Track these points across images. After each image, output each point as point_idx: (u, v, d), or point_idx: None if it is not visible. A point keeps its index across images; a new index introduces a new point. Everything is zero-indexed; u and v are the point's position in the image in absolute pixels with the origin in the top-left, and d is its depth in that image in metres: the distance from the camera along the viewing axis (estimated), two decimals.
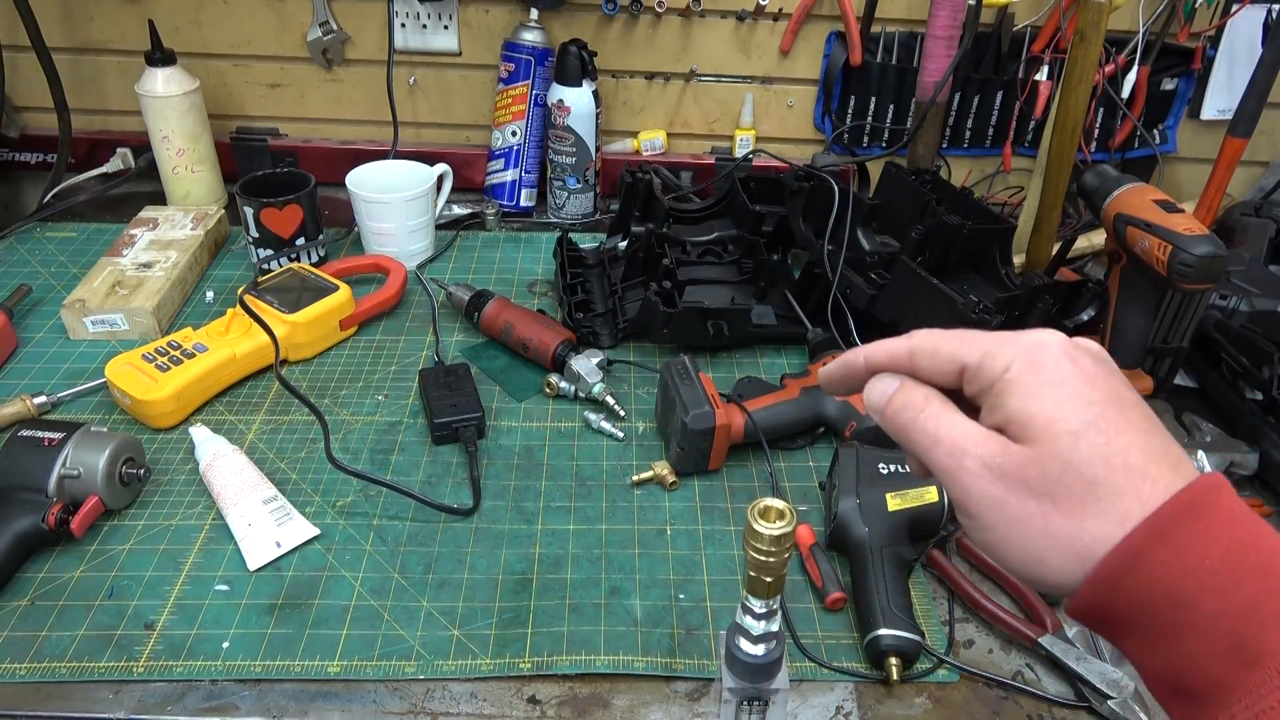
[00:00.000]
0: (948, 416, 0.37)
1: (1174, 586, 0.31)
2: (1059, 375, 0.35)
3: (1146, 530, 0.32)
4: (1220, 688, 0.31)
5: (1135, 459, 0.33)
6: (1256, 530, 0.32)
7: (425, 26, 1.22)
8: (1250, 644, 0.30)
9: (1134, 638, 0.34)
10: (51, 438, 0.74)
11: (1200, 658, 0.31)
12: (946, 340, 0.38)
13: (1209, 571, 0.31)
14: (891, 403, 0.39)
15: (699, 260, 1.07)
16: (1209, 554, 0.31)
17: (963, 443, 0.36)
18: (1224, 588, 0.31)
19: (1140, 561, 0.32)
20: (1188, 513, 0.32)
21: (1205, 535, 0.31)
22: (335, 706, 0.63)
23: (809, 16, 1.20)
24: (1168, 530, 0.32)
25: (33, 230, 1.18)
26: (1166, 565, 0.31)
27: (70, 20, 1.22)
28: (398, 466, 0.84)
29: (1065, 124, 0.96)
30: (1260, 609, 0.30)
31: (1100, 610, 0.34)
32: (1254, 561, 0.31)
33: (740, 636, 0.55)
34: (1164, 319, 0.88)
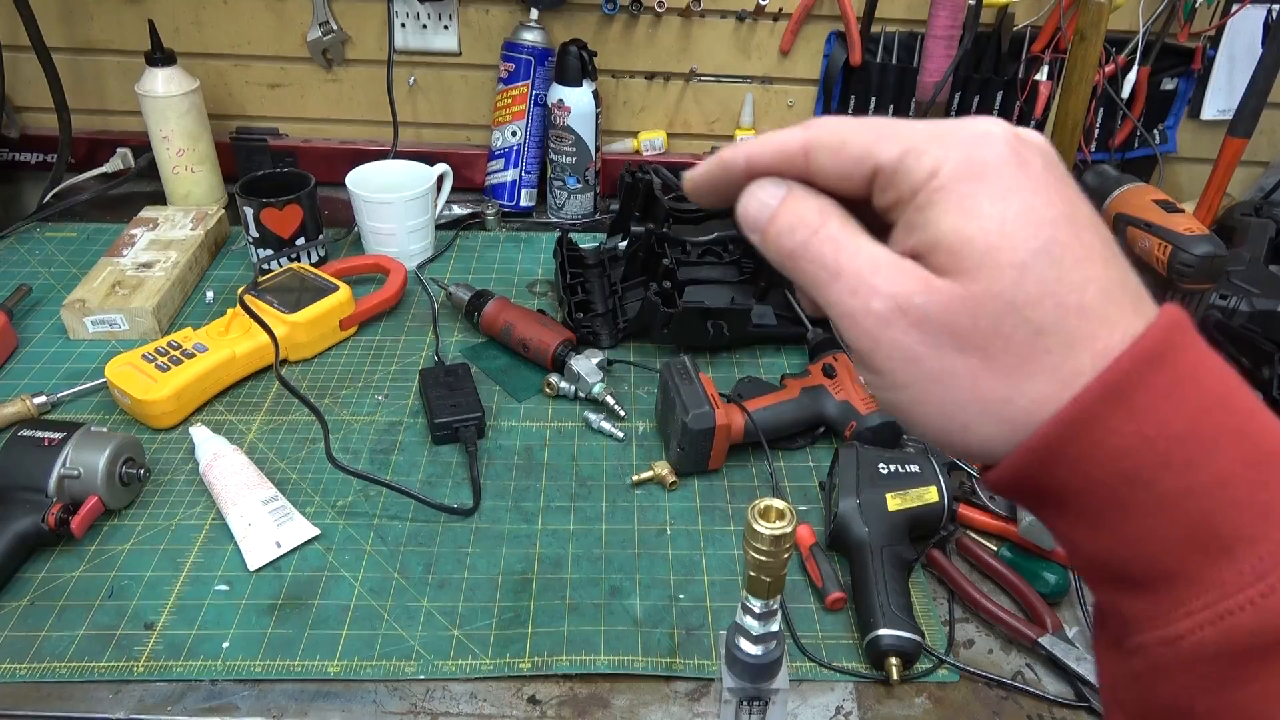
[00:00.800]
0: (850, 240, 0.28)
1: (1128, 461, 0.25)
2: (1004, 183, 0.26)
3: (1099, 390, 0.25)
4: (1175, 579, 0.25)
5: (1092, 298, 0.26)
6: (1225, 380, 0.26)
7: (425, 26, 1.22)
8: (1220, 529, 0.25)
9: (1068, 517, 0.27)
10: (51, 438, 0.74)
11: (1154, 544, 0.26)
12: (856, 131, 0.28)
13: (1173, 440, 0.25)
14: (775, 220, 0.29)
15: (699, 260, 1.07)
16: (1173, 418, 0.25)
17: (870, 276, 0.27)
18: (1191, 460, 0.25)
19: (1088, 430, 0.25)
20: (1148, 366, 0.25)
21: (1168, 394, 0.25)
22: (335, 706, 0.63)
23: (809, 16, 1.20)
24: (1124, 390, 0.25)
25: (33, 230, 1.18)
26: (1120, 434, 0.25)
27: (70, 20, 1.22)
28: (398, 466, 0.84)
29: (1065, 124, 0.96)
30: (1232, 486, 0.25)
31: (1029, 484, 0.27)
32: (1226, 425, 0.25)
33: (740, 636, 0.55)
34: None
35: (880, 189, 0.28)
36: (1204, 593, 0.25)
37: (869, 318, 0.27)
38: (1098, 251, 0.26)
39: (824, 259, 0.28)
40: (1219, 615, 0.24)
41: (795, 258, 0.29)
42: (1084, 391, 0.25)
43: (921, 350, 0.27)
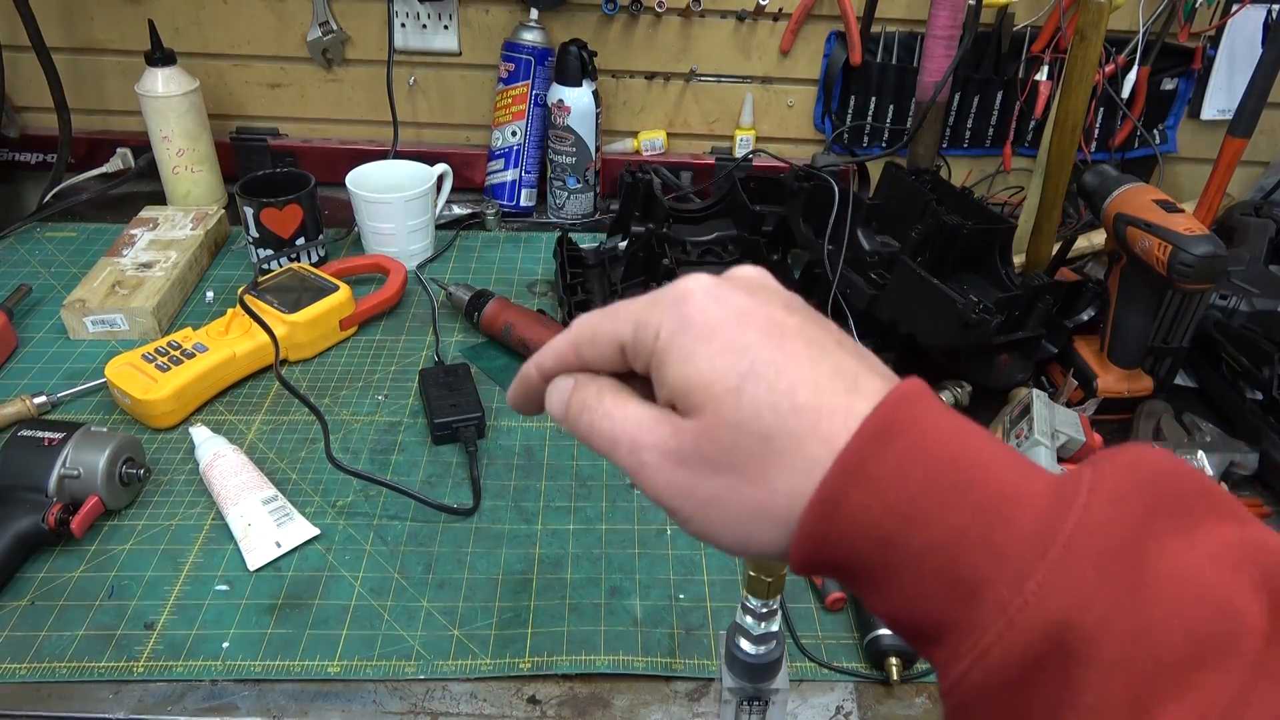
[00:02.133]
0: (619, 409, 0.33)
1: (876, 529, 0.28)
2: (707, 326, 0.30)
3: (837, 472, 0.28)
4: (946, 627, 0.28)
5: (804, 397, 0.29)
6: (954, 439, 0.28)
7: (425, 26, 1.22)
8: (963, 575, 0.27)
9: (856, 584, 0.30)
10: (51, 438, 0.74)
11: (921, 599, 0.28)
12: (602, 320, 0.34)
13: (908, 503, 0.27)
14: (569, 409, 0.34)
15: (699, 260, 1.07)
16: (906, 483, 0.27)
17: (636, 434, 0.32)
18: (927, 518, 0.27)
19: (838, 510, 0.28)
20: (877, 441, 0.28)
21: (900, 462, 0.28)
22: (335, 706, 0.63)
23: (809, 16, 1.20)
24: (858, 469, 0.28)
25: (33, 230, 1.18)
26: (865, 507, 0.28)
27: (70, 20, 1.22)
28: (398, 466, 0.84)
29: (1065, 124, 0.96)
30: (966, 535, 0.27)
31: (818, 565, 0.30)
32: (953, 481, 0.27)
33: (740, 636, 0.55)
34: (1164, 319, 0.88)
35: (631, 360, 0.33)
36: (968, 635, 0.27)
37: (645, 469, 0.32)
38: (801, 355, 0.30)
39: (604, 432, 0.33)
40: (981, 653, 0.26)
41: (587, 436, 0.34)
42: (824, 479, 0.28)
43: (690, 482, 0.31)
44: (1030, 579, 0.26)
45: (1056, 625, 0.25)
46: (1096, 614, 0.25)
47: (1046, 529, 0.27)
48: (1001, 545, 0.27)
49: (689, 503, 0.31)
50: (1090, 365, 0.90)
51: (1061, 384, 0.90)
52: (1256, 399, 0.88)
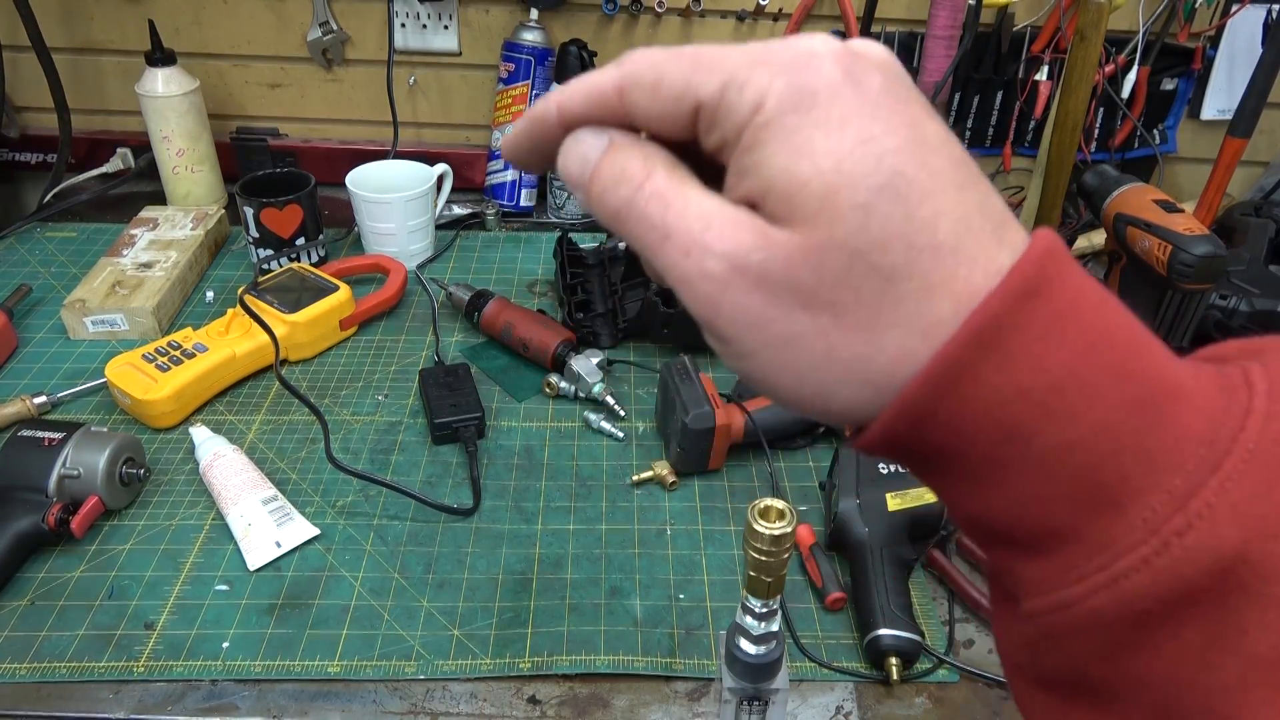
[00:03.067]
0: (679, 193, 0.24)
1: (1004, 415, 0.22)
2: (837, 111, 0.23)
3: (965, 338, 0.22)
4: (1064, 540, 0.23)
5: (946, 234, 0.23)
6: (1106, 312, 0.23)
7: (425, 26, 1.22)
8: (1108, 483, 0.22)
9: (947, 478, 0.25)
10: (51, 438, 0.74)
11: (1039, 504, 0.23)
12: (672, 63, 0.25)
13: (1051, 389, 0.22)
14: (597, 176, 0.26)
15: None
16: (1050, 364, 0.22)
17: (702, 234, 0.24)
18: (1072, 410, 0.22)
19: (957, 385, 0.22)
20: (1018, 305, 0.22)
21: (1044, 335, 0.22)
22: (335, 706, 0.63)
23: (809, 16, 1.20)
24: (993, 336, 0.22)
25: (33, 230, 1.18)
26: (993, 386, 0.22)
27: (70, 20, 1.22)
28: (398, 466, 0.84)
29: (1065, 124, 0.96)
30: (1117, 433, 0.22)
31: (901, 447, 0.25)
32: (1107, 366, 0.22)
33: (740, 636, 0.55)
34: (1164, 319, 0.88)
35: (705, 130, 0.24)
36: (1095, 554, 0.23)
37: (706, 281, 0.24)
38: (949, 178, 0.23)
39: (651, 218, 0.25)
40: (1112, 579, 0.22)
41: (622, 218, 0.25)
42: (949, 342, 0.22)
43: (766, 313, 0.24)
44: (1198, 497, 0.21)
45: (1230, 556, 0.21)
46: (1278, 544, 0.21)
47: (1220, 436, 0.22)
48: (1162, 451, 0.22)
49: (757, 336, 0.24)
50: None
51: None
52: None
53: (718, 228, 0.24)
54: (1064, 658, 0.24)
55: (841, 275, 0.23)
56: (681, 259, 0.24)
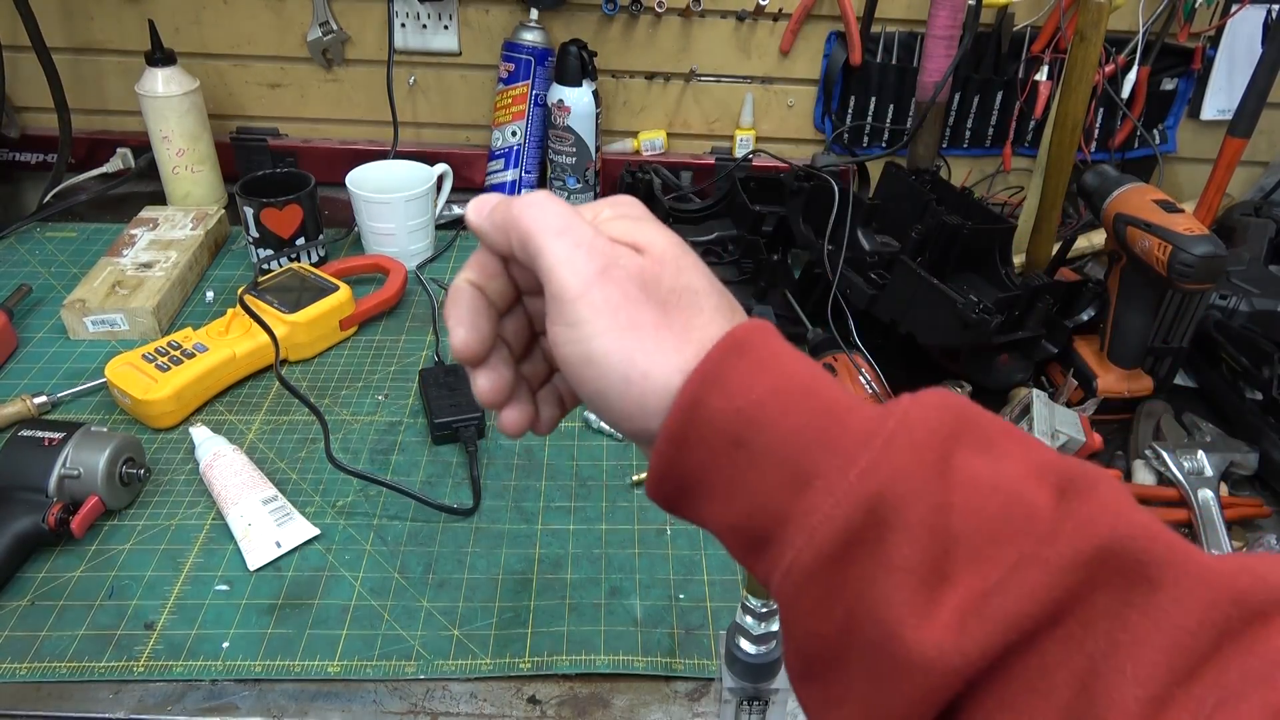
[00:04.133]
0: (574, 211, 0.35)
1: (729, 428, 0.31)
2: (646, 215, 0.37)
3: (698, 378, 0.32)
4: (781, 521, 0.31)
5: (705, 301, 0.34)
6: (798, 363, 0.33)
7: (425, 26, 1.22)
8: (803, 467, 0.30)
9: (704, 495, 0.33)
10: (51, 438, 0.74)
11: (762, 494, 0.31)
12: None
13: (757, 405, 0.31)
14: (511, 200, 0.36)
15: None
16: (755, 389, 0.31)
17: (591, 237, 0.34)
18: (772, 419, 0.31)
19: (698, 409, 0.32)
20: (734, 351, 0.32)
21: (751, 371, 0.32)
22: (335, 706, 0.63)
23: (809, 16, 1.20)
24: (715, 374, 0.32)
25: (33, 230, 1.18)
26: (721, 409, 0.31)
27: (70, 20, 1.22)
28: (398, 466, 0.84)
29: (1065, 124, 0.96)
30: (805, 433, 0.31)
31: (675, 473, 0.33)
32: (797, 389, 0.32)
33: (740, 636, 0.55)
34: (1164, 319, 0.88)
35: None
36: (801, 523, 0.30)
37: (587, 267, 0.33)
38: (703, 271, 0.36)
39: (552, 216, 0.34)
40: (810, 536, 0.30)
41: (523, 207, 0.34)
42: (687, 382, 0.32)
43: (622, 300, 0.33)
44: (854, 466, 0.30)
45: (873, 497, 0.29)
46: (906, 488, 0.29)
47: (873, 430, 0.30)
48: (835, 442, 0.31)
49: (610, 319, 0.33)
50: (1090, 365, 0.90)
51: (1061, 384, 0.90)
52: (1256, 399, 0.88)
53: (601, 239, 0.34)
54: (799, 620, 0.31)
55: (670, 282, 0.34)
56: (572, 247, 0.33)
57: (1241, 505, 0.80)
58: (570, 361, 0.34)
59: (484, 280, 0.38)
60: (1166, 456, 0.80)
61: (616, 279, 0.33)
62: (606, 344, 0.33)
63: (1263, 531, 0.79)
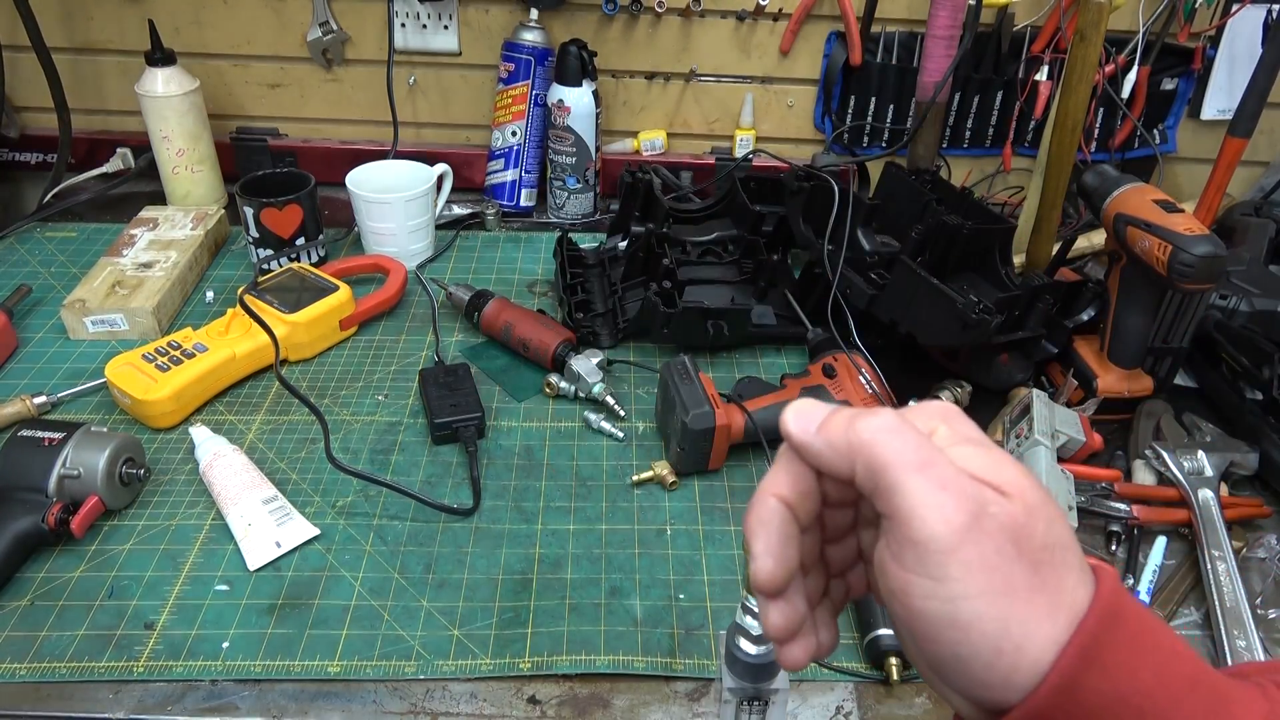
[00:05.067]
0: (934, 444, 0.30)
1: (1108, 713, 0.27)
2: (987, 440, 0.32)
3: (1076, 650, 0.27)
4: None
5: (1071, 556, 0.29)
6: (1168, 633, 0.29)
7: (425, 26, 1.22)
8: None
9: None
10: (51, 438, 0.74)
11: None
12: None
13: (1144, 695, 0.27)
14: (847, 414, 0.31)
15: (699, 260, 1.07)
16: (1140, 673, 0.27)
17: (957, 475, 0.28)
18: (1162, 712, 0.27)
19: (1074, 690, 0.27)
20: (1111, 623, 0.28)
21: (1133, 649, 0.28)
22: (335, 706, 0.63)
23: (809, 16, 1.20)
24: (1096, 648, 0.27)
25: (33, 230, 1.18)
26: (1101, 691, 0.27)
27: (70, 20, 1.22)
28: (398, 466, 0.84)
29: (1065, 124, 0.96)
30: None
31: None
32: (1183, 675, 0.28)
33: (740, 636, 0.55)
34: (1164, 319, 0.88)
35: None
36: None
37: (958, 515, 0.28)
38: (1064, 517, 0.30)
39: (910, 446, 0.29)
40: None
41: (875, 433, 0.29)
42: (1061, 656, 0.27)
43: (998, 559, 0.28)
44: None
45: None
46: None
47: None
48: None
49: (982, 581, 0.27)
50: (1090, 365, 0.90)
51: (1061, 384, 0.90)
52: (1256, 399, 0.88)
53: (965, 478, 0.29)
54: None
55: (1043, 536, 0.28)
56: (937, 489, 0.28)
57: (1241, 505, 0.80)
58: (928, 619, 0.28)
59: (797, 500, 0.33)
60: (1166, 456, 0.80)
61: (990, 532, 0.28)
62: (980, 608, 0.28)
63: (1263, 531, 0.79)
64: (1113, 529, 0.78)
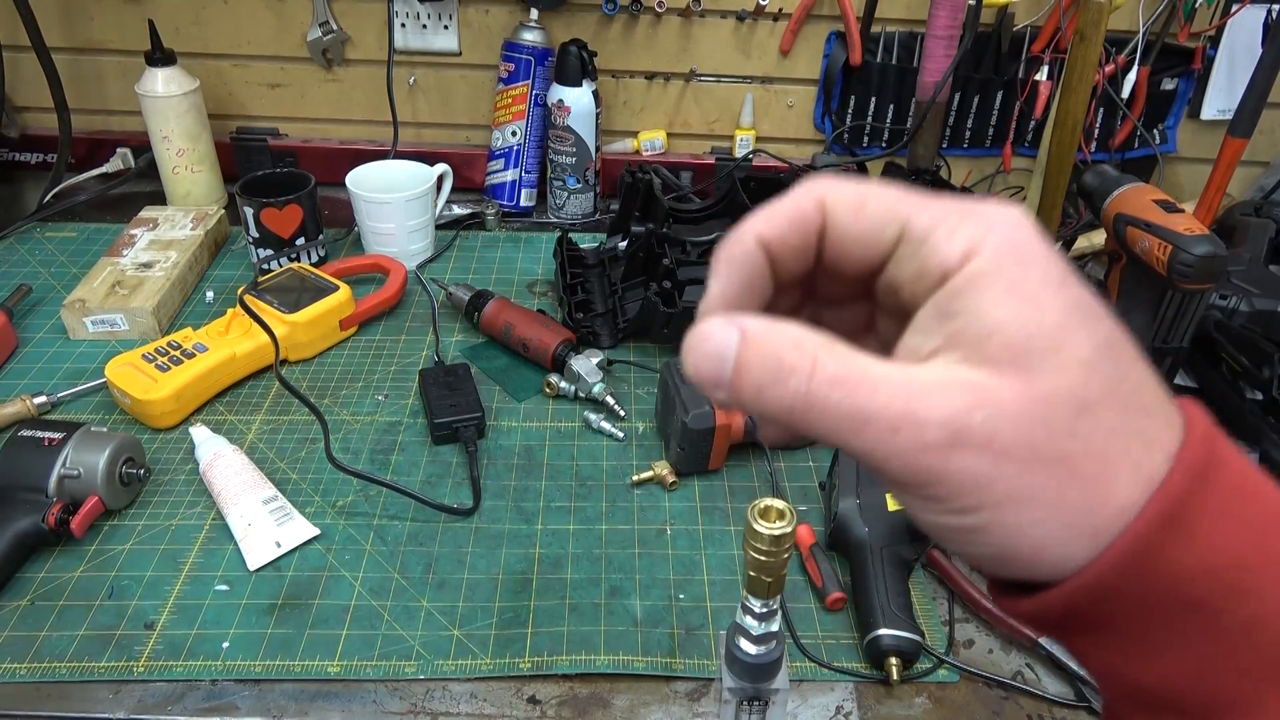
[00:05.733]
0: (858, 370, 0.23)
1: (1191, 588, 0.23)
2: (1054, 272, 0.23)
3: (1156, 512, 0.22)
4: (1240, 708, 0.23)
5: (1151, 397, 0.23)
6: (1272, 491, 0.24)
7: (425, 26, 1.22)
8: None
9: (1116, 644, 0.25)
10: (51, 438, 0.74)
11: (1218, 675, 0.23)
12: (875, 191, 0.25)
13: (1237, 567, 0.23)
14: (745, 375, 0.23)
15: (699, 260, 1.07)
16: (1235, 542, 0.23)
17: (909, 406, 0.22)
18: (1259, 589, 0.23)
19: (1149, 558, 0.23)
20: (1200, 480, 0.23)
21: (1225, 513, 0.23)
22: (335, 706, 0.63)
23: (809, 16, 1.20)
24: (1181, 511, 0.23)
25: (33, 230, 1.18)
26: (1183, 563, 0.23)
27: (70, 20, 1.22)
28: (398, 466, 0.84)
29: (1065, 124, 0.96)
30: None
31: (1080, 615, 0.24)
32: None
33: (740, 636, 0.55)
34: (1164, 319, 0.87)
35: (902, 258, 0.24)
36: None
37: (923, 453, 0.22)
38: (1135, 351, 0.24)
39: (840, 407, 0.23)
40: None
41: (799, 412, 0.23)
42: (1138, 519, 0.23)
43: (996, 470, 0.22)
44: None
45: None
46: None
47: None
48: None
49: (982, 495, 0.23)
50: None
51: None
52: (1256, 399, 0.88)
53: (924, 395, 0.22)
54: None
55: (1071, 426, 0.22)
56: (890, 437, 0.22)
57: None
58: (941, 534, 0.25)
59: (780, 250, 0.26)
60: None
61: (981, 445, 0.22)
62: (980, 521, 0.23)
63: None
64: None
